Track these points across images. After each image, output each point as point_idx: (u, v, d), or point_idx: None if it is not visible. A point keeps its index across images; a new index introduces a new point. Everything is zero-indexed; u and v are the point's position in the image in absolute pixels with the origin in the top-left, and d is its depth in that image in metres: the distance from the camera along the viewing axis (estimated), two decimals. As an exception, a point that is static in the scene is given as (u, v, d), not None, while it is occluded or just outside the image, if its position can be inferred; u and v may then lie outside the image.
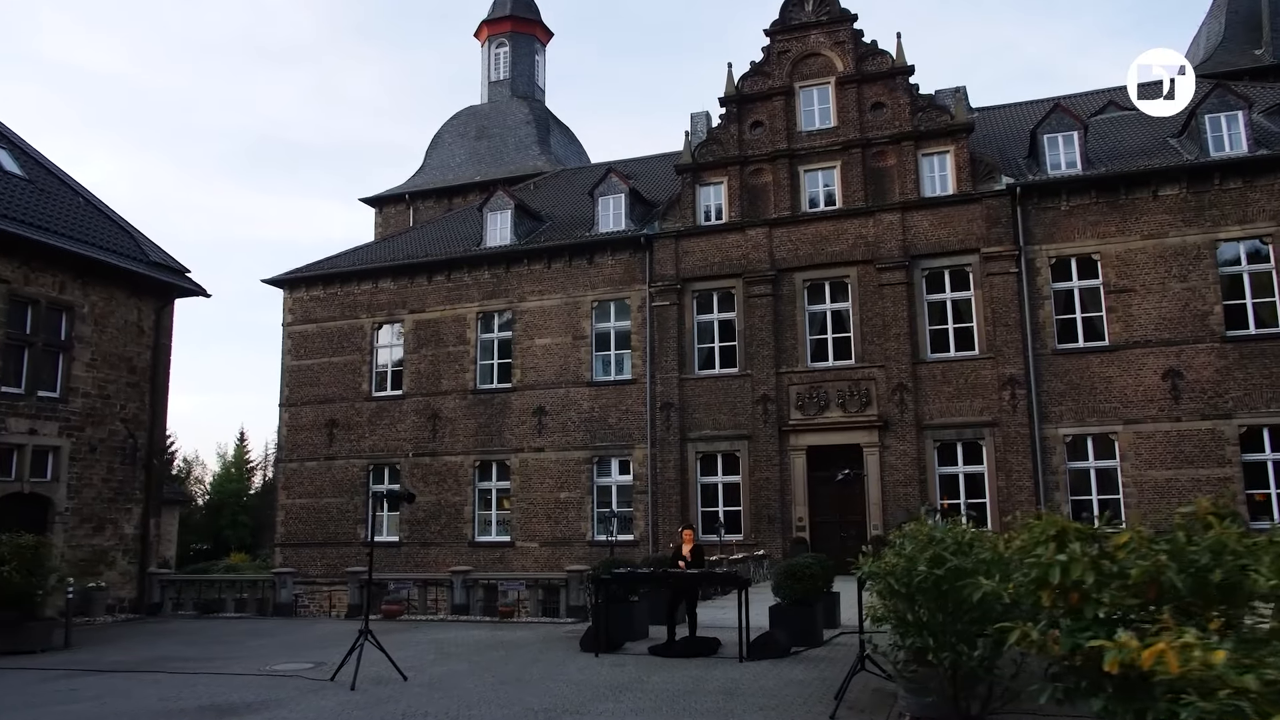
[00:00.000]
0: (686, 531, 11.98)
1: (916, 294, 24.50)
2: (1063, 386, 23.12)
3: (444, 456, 27.83)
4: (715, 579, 11.71)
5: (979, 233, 24.07)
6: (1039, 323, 23.47)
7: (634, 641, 12.28)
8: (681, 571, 11.26)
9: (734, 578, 10.94)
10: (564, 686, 9.36)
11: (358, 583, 16.48)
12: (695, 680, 9.61)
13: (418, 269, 28.95)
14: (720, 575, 12.08)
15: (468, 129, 37.70)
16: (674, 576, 11.23)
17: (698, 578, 11.43)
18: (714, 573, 11.89)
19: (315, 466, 29.18)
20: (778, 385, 24.98)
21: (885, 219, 24.81)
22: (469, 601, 15.79)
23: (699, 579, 11.57)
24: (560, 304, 27.37)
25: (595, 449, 26.43)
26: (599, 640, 11.34)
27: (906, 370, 24.05)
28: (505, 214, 28.71)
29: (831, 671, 10.10)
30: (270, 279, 30.42)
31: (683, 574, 11.25)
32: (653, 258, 26.56)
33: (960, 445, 23.80)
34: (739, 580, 10.85)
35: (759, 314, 25.38)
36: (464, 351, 28.15)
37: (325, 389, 29.43)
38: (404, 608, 15.91)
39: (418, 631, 14.10)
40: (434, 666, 10.85)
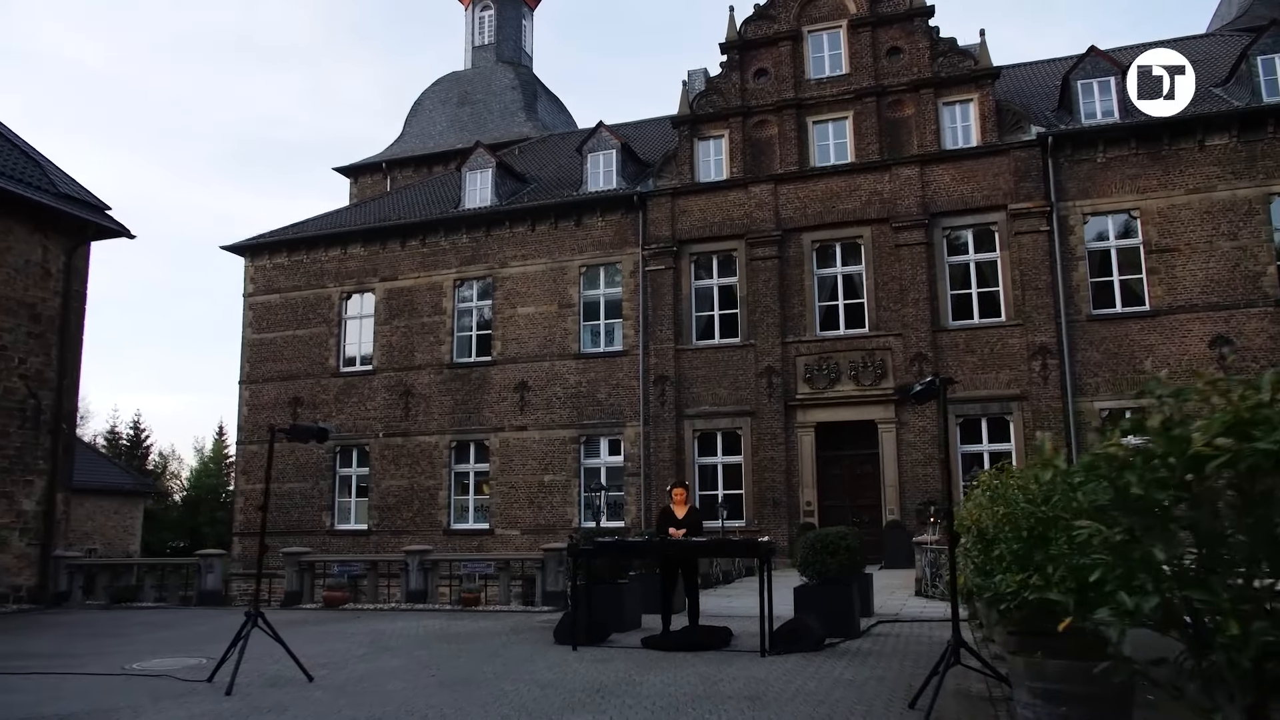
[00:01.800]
0: (678, 490, 9.30)
1: (937, 255, 21.88)
2: (1099, 356, 20.52)
3: (417, 437, 25.05)
4: (726, 549, 8.89)
5: (1006, 188, 21.46)
6: (1072, 286, 20.88)
7: (624, 633, 9.58)
8: (684, 540, 8.56)
9: (752, 545, 8.15)
10: (526, 689, 6.65)
11: (295, 565, 13.71)
12: (705, 681, 6.91)
13: (390, 233, 26.19)
14: (734, 544, 9.24)
15: (449, 95, 35.00)
16: (672, 546, 8.51)
17: (698, 548, 8.71)
18: (727, 541, 8.97)
19: (278, 449, 26.23)
20: (784, 356, 22.30)
21: (902, 174, 22.19)
22: (427, 587, 13.04)
23: (700, 550, 8.85)
24: (545, 269, 24.64)
25: (583, 427, 23.70)
26: (577, 630, 8.62)
27: (926, 339, 21.41)
28: (486, 174, 26.00)
29: (886, 668, 7.41)
30: (230, 245, 27.62)
31: (684, 543, 8.54)
32: (646, 218, 23.87)
33: (985, 421, 21.17)
34: (759, 548, 8.12)
35: (763, 278, 22.71)
36: (440, 322, 25.39)
37: (289, 364, 26.62)
38: (348, 595, 13.17)
39: (358, 622, 11.34)
40: (359, 663, 8.11)
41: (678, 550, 8.59)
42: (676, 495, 9.17)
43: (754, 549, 8.01)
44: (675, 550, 8.58)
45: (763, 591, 8.03)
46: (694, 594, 9.12)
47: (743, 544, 8.61)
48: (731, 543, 8.80)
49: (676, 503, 9.14)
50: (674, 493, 9.20)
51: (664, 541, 8.56)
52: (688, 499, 9.22)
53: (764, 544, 8.07)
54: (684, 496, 9.16)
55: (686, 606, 9.13)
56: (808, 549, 9.42)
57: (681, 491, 9.20)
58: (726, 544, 8.94)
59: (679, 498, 9.14)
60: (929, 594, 13.11)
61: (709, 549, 8.60)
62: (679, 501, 9.13)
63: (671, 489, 9.27)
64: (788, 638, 8.30)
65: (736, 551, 9.09)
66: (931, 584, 13.10)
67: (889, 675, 7.14)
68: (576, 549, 8.65)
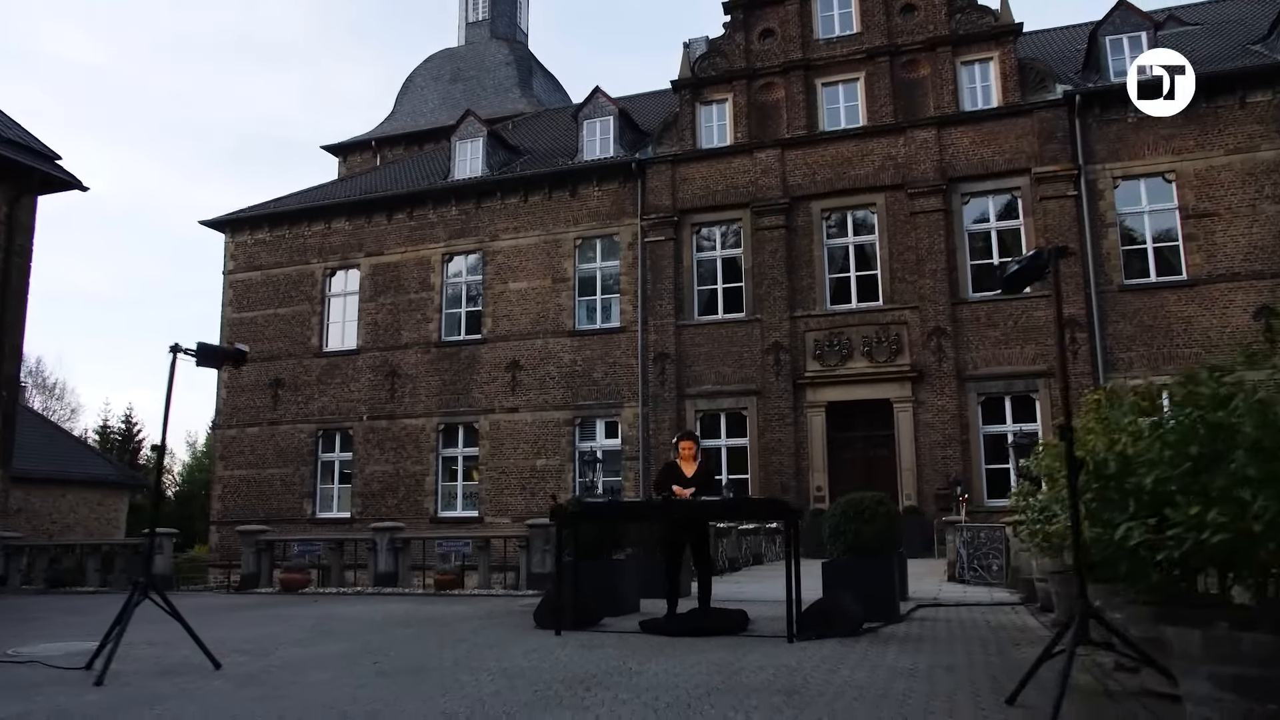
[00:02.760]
0: (685, 443, 7.51)
1: (956, 223, 20.28)
2: (1131, 329, 18.92)
3: (403, 419, 23.42)
4: (745, 509, 7.09)
5: (1030, 150, 19.87)
6: (1102, 254, 19.28)
7: (618, 618, 7.97)
8: (693, 500, 6.92)
9: (776, 505, 6.45)
10: (489, 680, 5.03)
11: (252, 546, 12.08)
12: (722, 670, 5.30)
13: (376, 206, 24.58)
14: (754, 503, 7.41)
15: (442, 72, 33.41)
16: (678, 507, 6.85)
17: (709, 510, 7.05)
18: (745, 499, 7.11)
19: (257, 433, 24.72)
20: (792, 332, 20.69)
21: (918, 137, 20.59)
22: (398, 569, 11.42)
23: (711, 512, 7.18)
24: (538, 242, 23.03)
25: (578, 409, 22.08)
26: (563, 611, 6.99)
27: (944, 312, 19.80)
28: (477, 143, 24.39)
29: (951, 656, 5.79)
30: (209, 220, 26.00)
31: (692, 503, 6.89)
32: (645, 187, 22.27)
33: (1009, 399, 19.56)
34: (785, 508, 6.46)
35: (770, 249, 21.11)
36: (427, 299, 23.77)
37: (270, 344, 24.99)
38: (308, 577, 11.55)
39: (311, 606, 9.71)
40: (290, 649, 6.49)
41: (685, 513, 6.93)
42: (684, 449, 7.50)
43: (779, 509, 6.37)
44: (682, 513, 6.91)
45: (790, 562, 6.40)
46: (706, 570, 7.46)
47: (765, 503, 6.87)
48: (751, 501, 7.02)
49: (683, 458, 7.50)
50: (680, 445, 7.54)
51: (667, 502, 6.90)
52: (697, 454, 7.59)
53: (790, 505, 6.43)
54: (693, 450, 7.50)
55: (696, 588, 7.49)
56: (838, 517, 7.78)
57: (690, 444, 7.52)
58: (744, 503, 7.17)
59: (686, 451, 7.49)
60: (965, 579, 11.49)
61: (722, 510, 6.87)
62: (686, 456, 7.48)
63: (678, 441, 7.61)
64: (819, 620, 6.67)
65: (756, 512, 7.31)
66: (969, 567, 11.47)
67: (958, 664, 5.52)
68: (561, 512, 7.02)
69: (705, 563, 7.49)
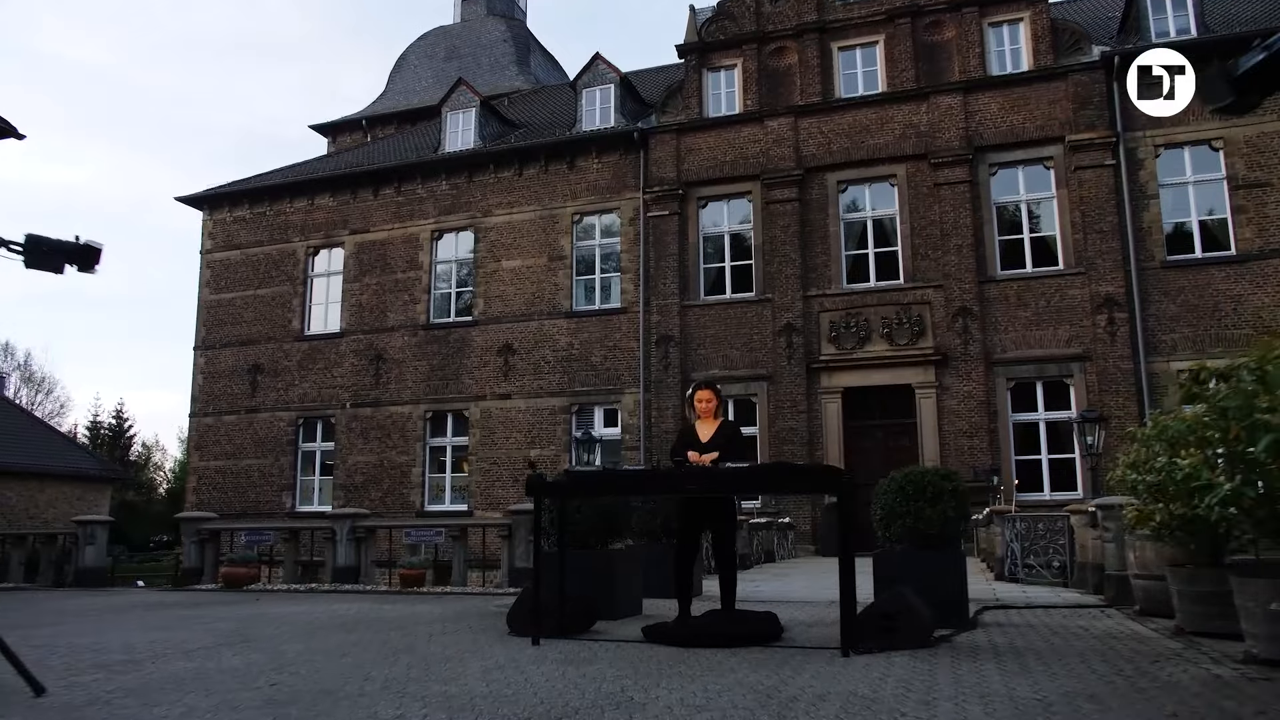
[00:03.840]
0: (704, 394, 5.79)
1: (983, 195, 18.60)
2: (1175, 308, 17.22)
3: (388, 407, 21.72)
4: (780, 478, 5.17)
5: (1064, 117, 18.19)
6: (1143, 228, 17.59)
7: (616, 621, 6.29)
8: (712, 469, 5.20)
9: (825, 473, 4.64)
10: (419, 713, 3.33)
11: (194, 535, 10.39)
12: (766, 700, 3.61)
13: (361, 180, 22.90)
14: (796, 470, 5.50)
15: (436, 50, 31.76)
16: (693, 478, 5.08)
17: (733, 481, 5.28)
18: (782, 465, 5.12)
19: (234, 421, 23.02)
20: (805, 312, 19.01)
21: (942, 103, 18.92)
22: (360, 562, 9.74)
23: (736, 482, 5.40)
24: (533, 218, 21.34)
25: (575, 395, 20.38)
26: (542, 613, 5.29)
27: (971, 291, 18.12)
28: (469, 114, 22.73)
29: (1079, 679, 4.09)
30: (185, 196, 24.32)
31: (711, 473, 5.16)
32: (648, 158, 20.59)
33: (1041, 385, 17.86)
34: (837, 479, 4.70)
35: (781, 224, 19.43)
36: (415, 278, 22.08)
37: (249, 328, 23.31)
38: (255, 572, 9.86)
39: (246, 605, 8.00)
40: (170, 663, 4.80)
41: (702, 488, 5.19)
42: (701, 402, 5.76)
43: (829, 478, 4.63)
44: (698, 488, 5.17)
45: (845, 548, 4.69)
46: (728, 564, 5.70)
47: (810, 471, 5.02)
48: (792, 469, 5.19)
49: (701, 415, 5.79)
50: (696, 398, 5.79)
51: (680, 470, 5.16)
52: (719, 410, 5.89)
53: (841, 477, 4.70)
54: (713, 404, 5.78)
55: (719, 584, 5.77)
56: (893, 495, 6.09)
57: (708, 396, 5.74)
58: (782, 471, 5.31)
59: (704, 405, 5.75)
60: (1018, 576, 9.77)
61: (753, 481, 5.07)
62: (704, 413, 5.76)
63: (693, 392, 5.87)
64: (880, 626, 4.97)
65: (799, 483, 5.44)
66: (1021, 564, 9.75)
67: (1100, 692, 3.81)
68: (539, 484, 5.32)
69: (728, 554, 5.76)
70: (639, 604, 7.22)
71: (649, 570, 7.66)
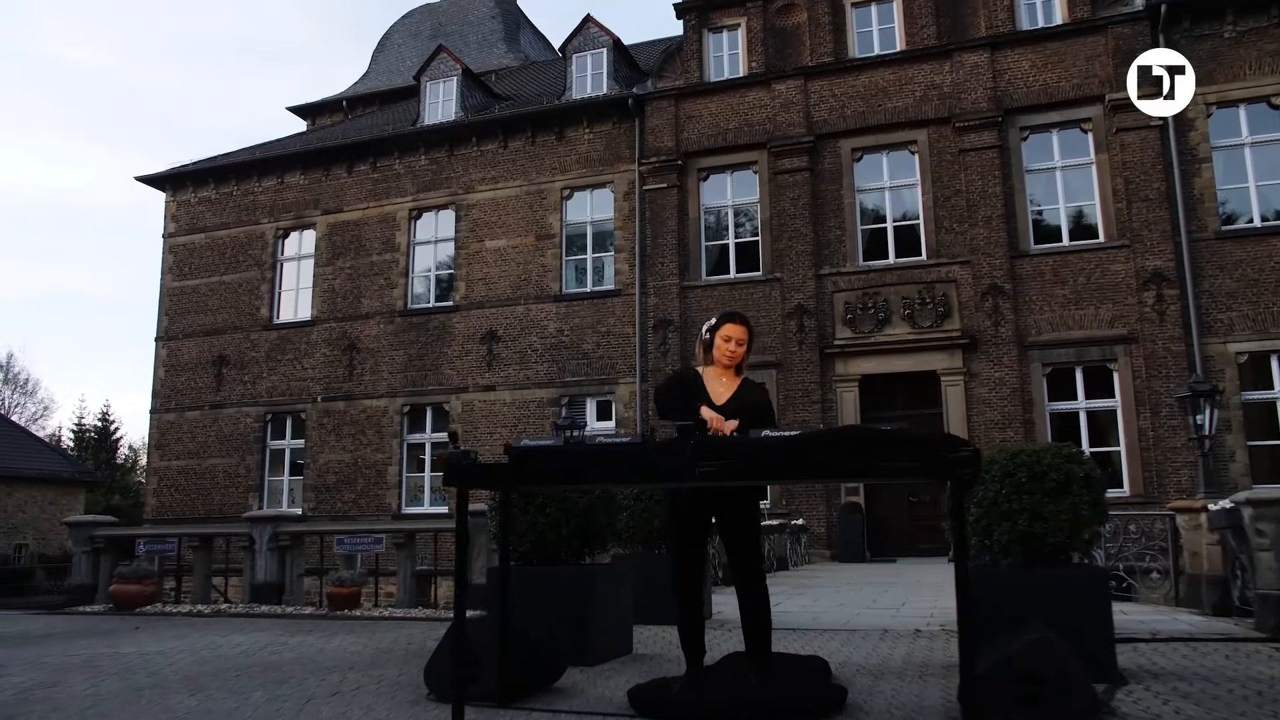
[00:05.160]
0: (733, 328, 3.85)
1: (1013, 161, 16.65)
2: (1232, 283, 15.27)
3: (363, 400, 19.72)
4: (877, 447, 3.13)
5: (1103, 74, 16.25)
6: (1194, 195, 15.64)
7: (592, 669, 4.31)
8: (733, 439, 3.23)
9: (940, 446, 2.72)
10: None
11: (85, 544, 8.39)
12: None
13: (334, 156, 20.93)
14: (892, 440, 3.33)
15: (421, 28, 29.82)
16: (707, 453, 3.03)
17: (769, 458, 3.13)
18: (867, 432, 3.18)
19: (198, 417, 21.01)
20: (818, 292, 17.05)
21: (967, 61, 16.97)
22: (285, 576, 7.78)
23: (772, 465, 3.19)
24: (519, 194, 19.37)
25: (565, 386, 18.40)
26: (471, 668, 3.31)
27: (1001, 267, 16.16)
28: (450, 83, 20.77)
29: None
30: (146, 176, 22.34)
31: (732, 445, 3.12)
32: (644, 126, 18.62)
33: (1081, 370, 15.89)
34: (952, 454, 2.73)
35: (791, 196, 17.47)
36: (392, 261, 20.10)
37: (214, 316, 21.32)
38: (154, 588, 7.87)
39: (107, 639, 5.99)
40: None
41: (727, 471, 3.11)
42: (728, 341, 3.85)
43: (933, 456, 2.69)
44: (721, 471, 3.10)
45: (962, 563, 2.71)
46: (754, 582, 3.67)
47: (917, 441, 2.93)
48: (883, 436, 3.12)
49: (719, 362, 3.89)
50: (722, 333, 3.87)
51: (691, 441, 3.09)
52: (745, 360, 3.97)
53: (954, 451, 2.70)
54: (742, 351, 3.87)
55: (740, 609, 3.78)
56: (995, 484, 4.11)
57: (740, 335, 3.87)
58: (868, 436, 3.16)
59: (731, 349, 3.83)
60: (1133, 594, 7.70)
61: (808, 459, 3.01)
62: (727, 359, 3.86)
63: (717, 325, 3.92)
64: (1018, 694, 2.98)
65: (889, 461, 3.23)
66: (1144, 576, 7.66)
67: None
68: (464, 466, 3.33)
69: (753, 573, 3.74)
70: (628, 637, 5.25)
71: (643, 587, 5.72)
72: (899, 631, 5.76)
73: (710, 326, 3.99)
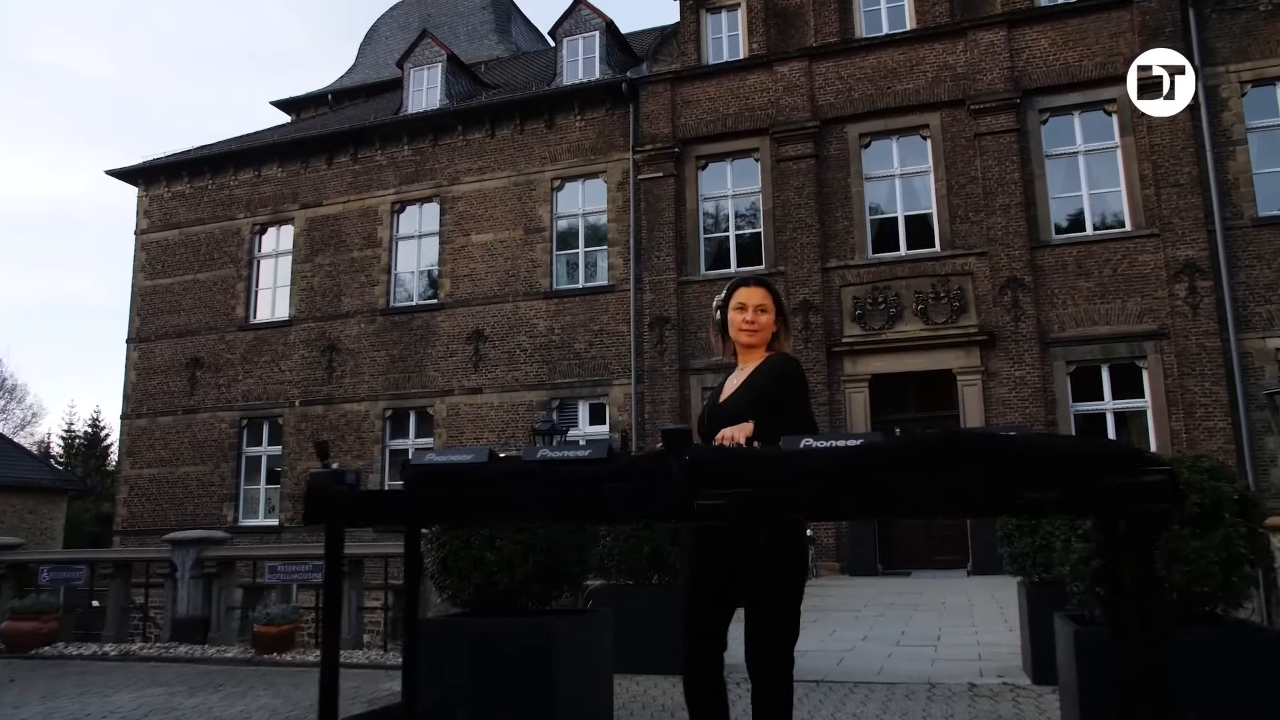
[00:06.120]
0: (751, 291, 2.79)
1: (1033, 146, 15.49)
2: (1271, 274, 14.11)
3: (343, 404, 18.53)
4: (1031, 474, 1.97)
5: (1129, 52, 15.09)
6: (1228, 180, 14.49)
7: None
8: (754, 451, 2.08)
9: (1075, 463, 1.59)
10: None
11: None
12: None
13: (313, 147, 19.77)
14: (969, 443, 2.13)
15: (409, 20, 28.65)
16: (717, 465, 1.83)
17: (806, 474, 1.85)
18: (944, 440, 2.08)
19: (170, 423, 19.81)
20: (824, 288, 15.87)
21: (983, 39, 15.82)
22: (212, 609, 6.58)
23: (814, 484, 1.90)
24: (507, 185, 18.20)
25: (555, 387, 17.21)
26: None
27: (1020, 258, 14.99)
28: (434, 70, 19.61)
29: None
30: (117, 170, 21.16)
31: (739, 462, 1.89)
32: (639, 113, 17.46)
33: (1107, 369, 14.71)
34: (1130, 480, 1.61)
35: (795, 185, 16.30)
36: (373, 257, 18.92)
37: (188, 316, 20.13)
38: (51, 626, 6.68)
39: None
40: None
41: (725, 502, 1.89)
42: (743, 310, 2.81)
43: (1096, 481, 1.58)
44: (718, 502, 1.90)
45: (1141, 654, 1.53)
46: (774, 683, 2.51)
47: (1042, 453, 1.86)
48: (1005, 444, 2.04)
49: (739, 339, 2.82)
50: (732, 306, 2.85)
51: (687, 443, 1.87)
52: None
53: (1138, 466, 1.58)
54: (766, 322, 2.78)
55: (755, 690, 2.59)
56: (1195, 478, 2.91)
57: (761, 300, 2.80)
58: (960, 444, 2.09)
59: (743, 325, 2.79)
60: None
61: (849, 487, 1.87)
62: (741, 339, 2.81)
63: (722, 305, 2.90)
64: None
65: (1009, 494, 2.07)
66: None
67: None
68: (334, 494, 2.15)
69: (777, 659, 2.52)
70: (608, 702, 4.05)
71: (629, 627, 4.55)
72: (950, 686, 4.58)
73: (720, 301, 2.87)
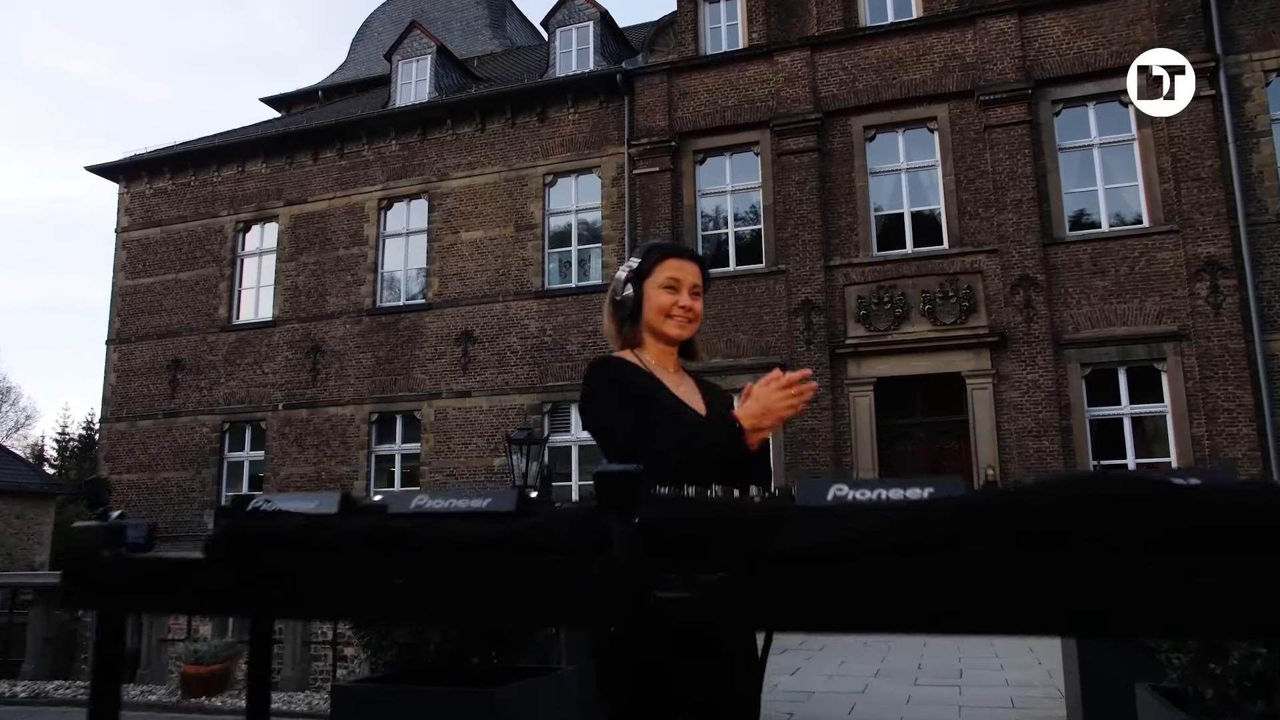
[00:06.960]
0: (677, 264, 2.03)
1: (1045, 139, 14.75)
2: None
3: (327, 408, 17.79)
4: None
5: (1146, 39, 14.35)
6: (1252, 173, 13.74)
7: None
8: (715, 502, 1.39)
9: None
10: None
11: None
12: None
13: (299, 141, 19.04)
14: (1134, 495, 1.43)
15: (402, 16, 27.86)
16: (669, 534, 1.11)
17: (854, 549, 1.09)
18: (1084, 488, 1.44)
19: (150, 427, 19.08)
20: (827, 287, 15.12)
21: (992, 27, 15.09)
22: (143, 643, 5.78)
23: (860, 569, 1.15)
24: (498, 180, 17.47)
25: (547, 391, 16.46)
26: None
27: (1033, 256, 14.24)
28: (423, 62, 18.90)
29: None
30: (97, 166, 20.45)
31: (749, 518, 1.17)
32: (634, 105, 16.73)
33: (1124, 371, 13.95)
34: None
35: (797, 180, 15.56)
36: (360, 255, 18.19)
37: (169, 317, 19.40)
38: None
39: None
40: None
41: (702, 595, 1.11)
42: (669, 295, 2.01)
43: None
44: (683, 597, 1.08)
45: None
46: None
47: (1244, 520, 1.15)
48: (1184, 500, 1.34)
49: (657, 338, 2.06)
50: (658, 281, 2.02)
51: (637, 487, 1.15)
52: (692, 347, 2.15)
53: None
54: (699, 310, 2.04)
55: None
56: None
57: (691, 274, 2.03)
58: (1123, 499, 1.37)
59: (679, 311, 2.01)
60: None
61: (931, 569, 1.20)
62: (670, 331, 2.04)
63: (637, 273, 2.01)
64: None
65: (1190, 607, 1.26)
66: None
67: None
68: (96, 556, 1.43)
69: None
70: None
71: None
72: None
73: (634, 269, 2.06)
